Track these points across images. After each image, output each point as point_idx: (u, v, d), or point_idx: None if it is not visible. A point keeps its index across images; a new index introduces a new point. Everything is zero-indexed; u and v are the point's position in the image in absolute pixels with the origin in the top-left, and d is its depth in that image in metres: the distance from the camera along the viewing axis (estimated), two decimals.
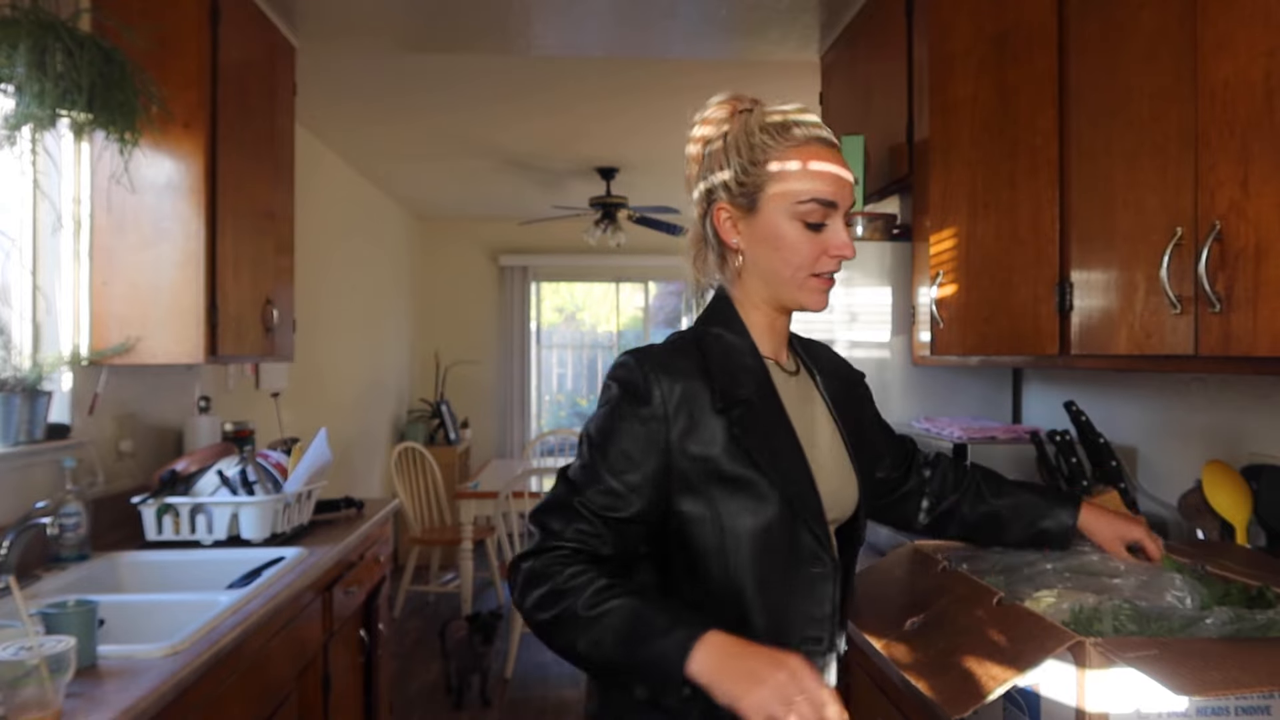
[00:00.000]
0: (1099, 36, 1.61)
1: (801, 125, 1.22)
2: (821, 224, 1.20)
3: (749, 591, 1.14)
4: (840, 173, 1.21)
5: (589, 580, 1.09)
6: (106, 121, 2.01)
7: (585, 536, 1.13)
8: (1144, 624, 1.15)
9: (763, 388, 1.21)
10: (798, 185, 1.19)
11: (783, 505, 1.15)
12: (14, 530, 1.95)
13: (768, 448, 1.16)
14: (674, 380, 1.16)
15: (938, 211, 2.24)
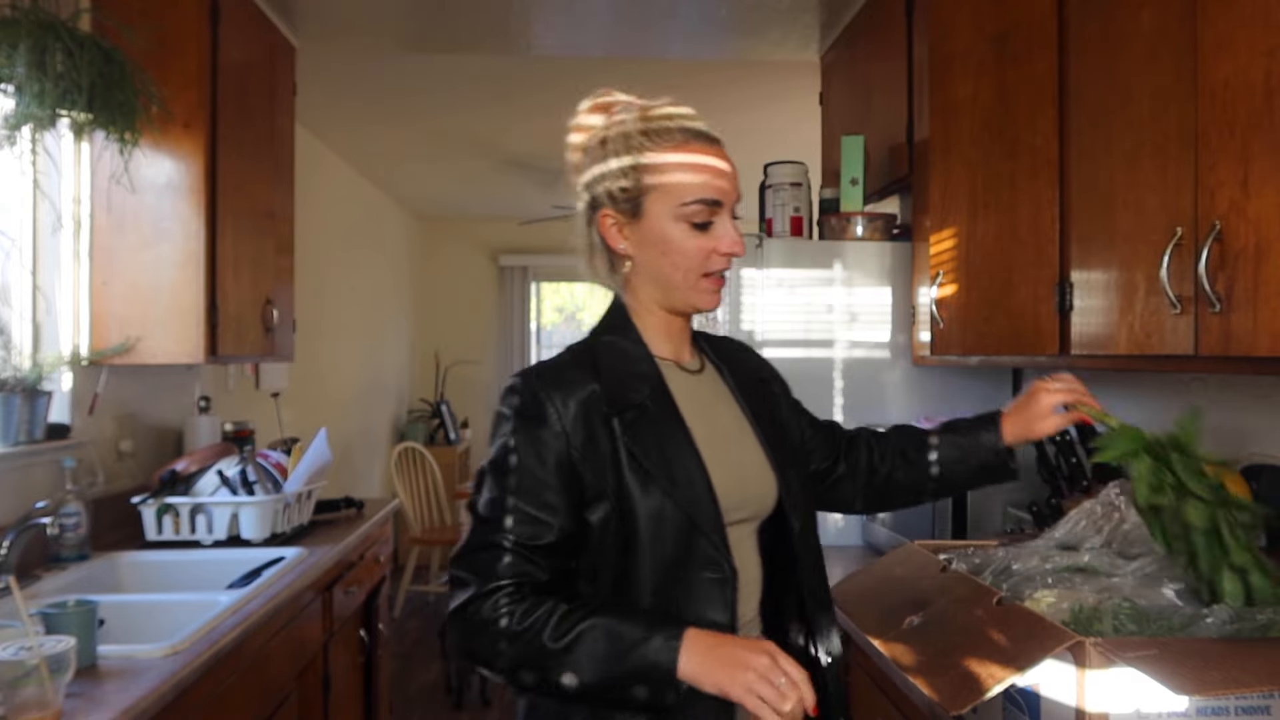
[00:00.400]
0: (1099, 36, 1.61)
1: (678, 122, 1.21)
2: (708, 223, 1.18)
3: (646, 599, 1.12)
4: (723, 167, 1.20)
5: (547, 612, 1.07)
6: (106, 121, 2.01)
7: (520, 570, 1.10)
8: (1144, 623, 1.15)
9: (657, 392, 1.19)
10: (680, 188, 1.18)
11: (675, 511, 1.12)
12: (14, 530, 1.95)
13: (659, 453, 1.14)
14: (566, 394, 1.14)
15: (938, 211, 2.24)
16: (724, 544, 1.14)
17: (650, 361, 1.22)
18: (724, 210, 1.19)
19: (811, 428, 1.43)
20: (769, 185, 2.78)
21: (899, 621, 1.37)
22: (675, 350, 1.27)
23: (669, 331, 1.26)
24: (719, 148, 1.22)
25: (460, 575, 1.12)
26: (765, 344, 2.62)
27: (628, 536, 1.12)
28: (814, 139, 3.43)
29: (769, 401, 1.33)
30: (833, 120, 3.27)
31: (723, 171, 1.20)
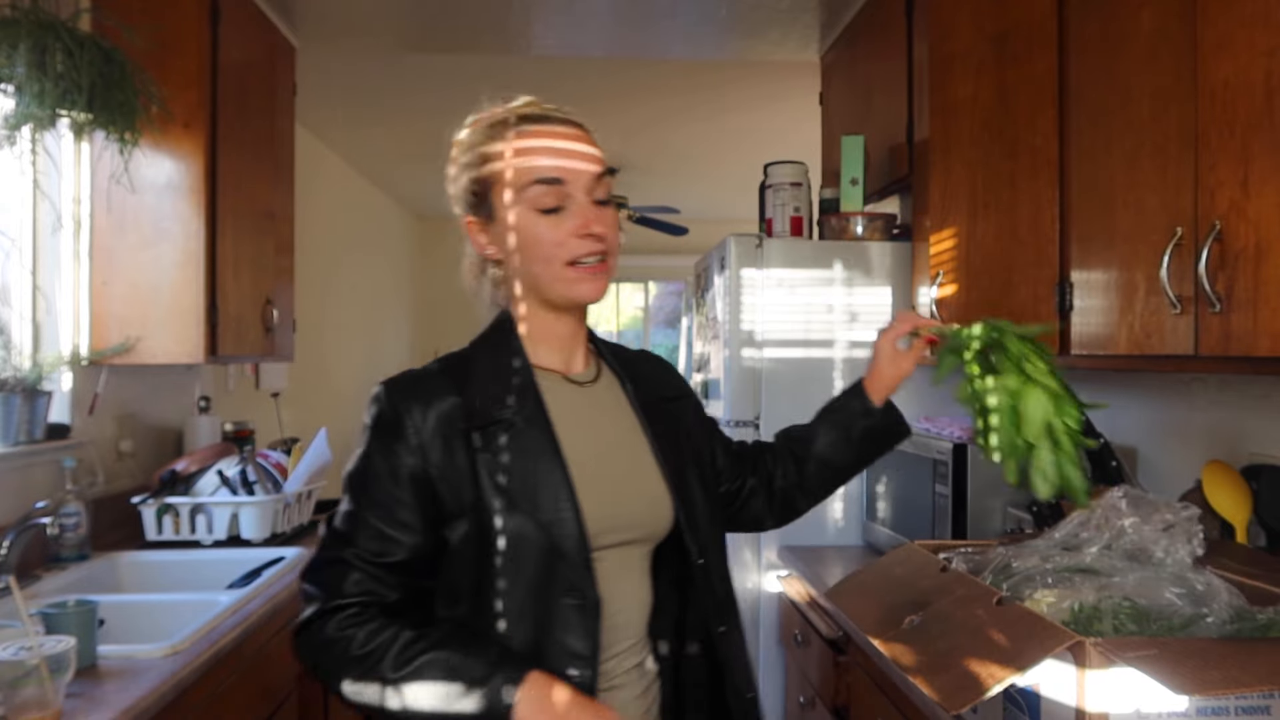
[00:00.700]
0: (1099, 36, 1.61)
1: (515, 111, 1.15)
2: (558, 206, 1.10)
3: (505, 623, 1.06)
4: (559, 145, 1.12)
5: (390, 637, 1.02)
6: (106, 121, 2.01)
7: (367, 588, 1.05)
8: (1144, 623, 1.15)
9: (528, 406, 1.12)
10: (516, 172, 1.11)
11: (537, 533, 1.06)
12: (14, 530, 1.95)
13: (523, 472, 1.08)
14: (426, 406, 1.09)
15: (938, 211, 2.24)
16: (587, 570, 1.07)
17: (526, 372, 1.15)
18: (573, 189, 1.11)
19: (724, 449, 1.35)
20: (769, 185, 2.78)
21: (899, 621, 1.37)
22: (564, 360, 1.19)
23: (555, 339, 1.18)
24: (571, 129, 1.14)
25: (307, 589, 1.07)
26: (765, 344, 2.62)
27: (486, 558, 1.06)
28: (814, 139, 3.43)
29: (674, 420, 1.24)
30: (833, 120, 3.27)
31: (561, 150, 1.12)
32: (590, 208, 1.11)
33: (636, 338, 8.01)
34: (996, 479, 2.11)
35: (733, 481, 1.35)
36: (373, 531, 1.06)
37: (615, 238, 1.14)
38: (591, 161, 1.12)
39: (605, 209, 1.13)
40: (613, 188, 1.16)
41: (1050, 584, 1.29)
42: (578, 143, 1.13)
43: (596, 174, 1.12)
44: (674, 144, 5.09)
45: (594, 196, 1.12)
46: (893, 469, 2.41)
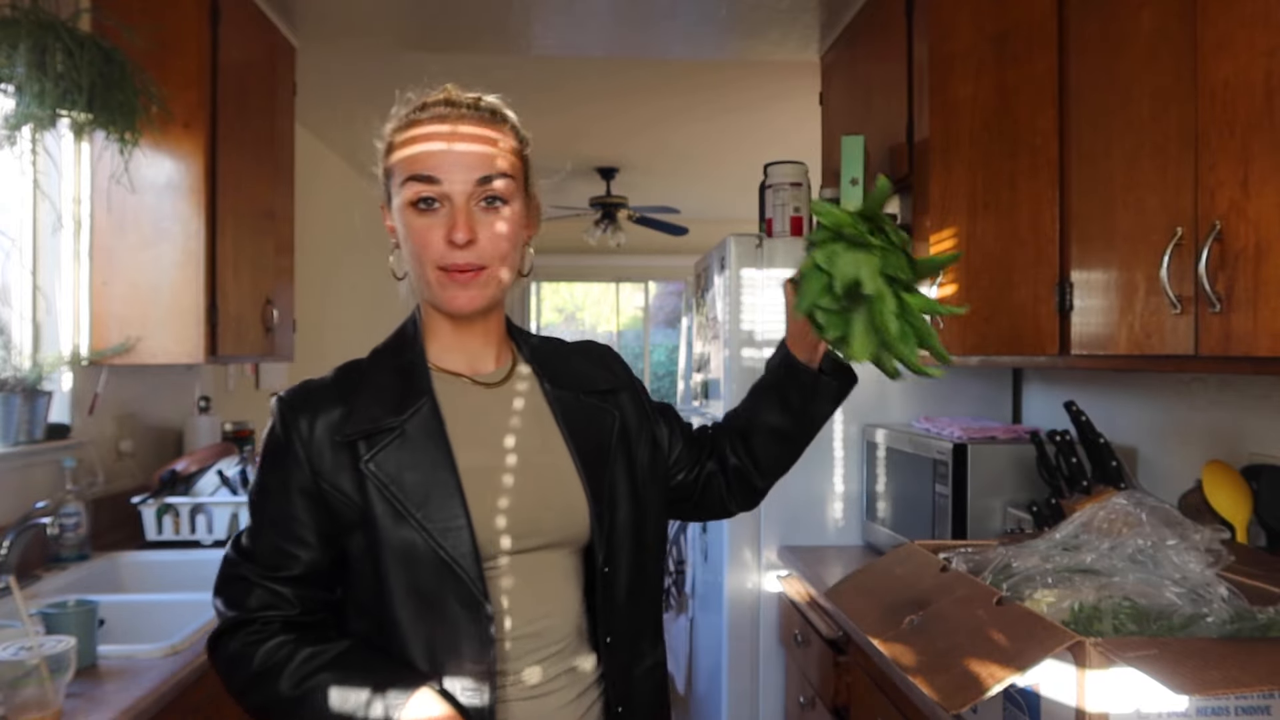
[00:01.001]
0: (1099, 36, 1.61)
1: (423, 100, 1.11)
2: (434, 206, 1.04)
3: (402, 635, 1.03)
4: (438, 147, 1.05)
5: (287, 655, 1.02)
6: (106, 121, 2.01)
7: (267, 603, 1.05)
8: (1144, 623, 1.15)
9: (422, 412, 1.07)
10: (400, 164, 1.07)
11: (427, 545, 1.02)
12: (14, 530, 1.95)
13: (413, 482, 1.04)
14: (313, 417, 1.06)
15: (938, 211, 2.24)
16: (480, 581, 1.03)
17: (422, 377, 1.11)
18: (450, 190, 1.04)
19: (682, 437, 1.29)
20: (769, 185, 2.78)
21: (899, 621, 1.37)
22: (469, 360, 1.14)
23: (459, 339, 1.14)
24: (476, 125, 1.08)
25: (216, 606, 1.09)
26: (765, 344, 2.62)
27: (379, 571, 1.03)
28: (814, 139, 3.43)
29: (600, 416, 1.17)
30: (833, 120, 3.27)
31: (438, 149, 1.05)
32: (463, 212, 1.04)
33: (637, 338, 8.02)
34: (997, 479, 2.12)
35: (690, 470, 1.29)
36: (269, 547, 1.06)
37: (499, 246, 1.06)
38: (476, 164, 1.05)
39: (492, 213, 1.06)
40: (512, 191, 1.08)
41: (1050, 584, 1.29)
42: (473, 142, 1.06)
43: (478, 177, 1.04)
44: (674, 144, 5.09)
45: (477, 199, 1.05)
46: (893, 469, 2.41)
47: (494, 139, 1.08)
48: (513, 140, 1.11)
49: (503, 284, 1.10)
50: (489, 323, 1.14)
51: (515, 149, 1.11)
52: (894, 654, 1.31)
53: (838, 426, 2.63)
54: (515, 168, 1.10)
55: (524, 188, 1.12)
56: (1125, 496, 1.40)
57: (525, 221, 1.13)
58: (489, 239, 1.05)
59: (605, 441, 1.16)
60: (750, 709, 2.63)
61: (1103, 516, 1.40)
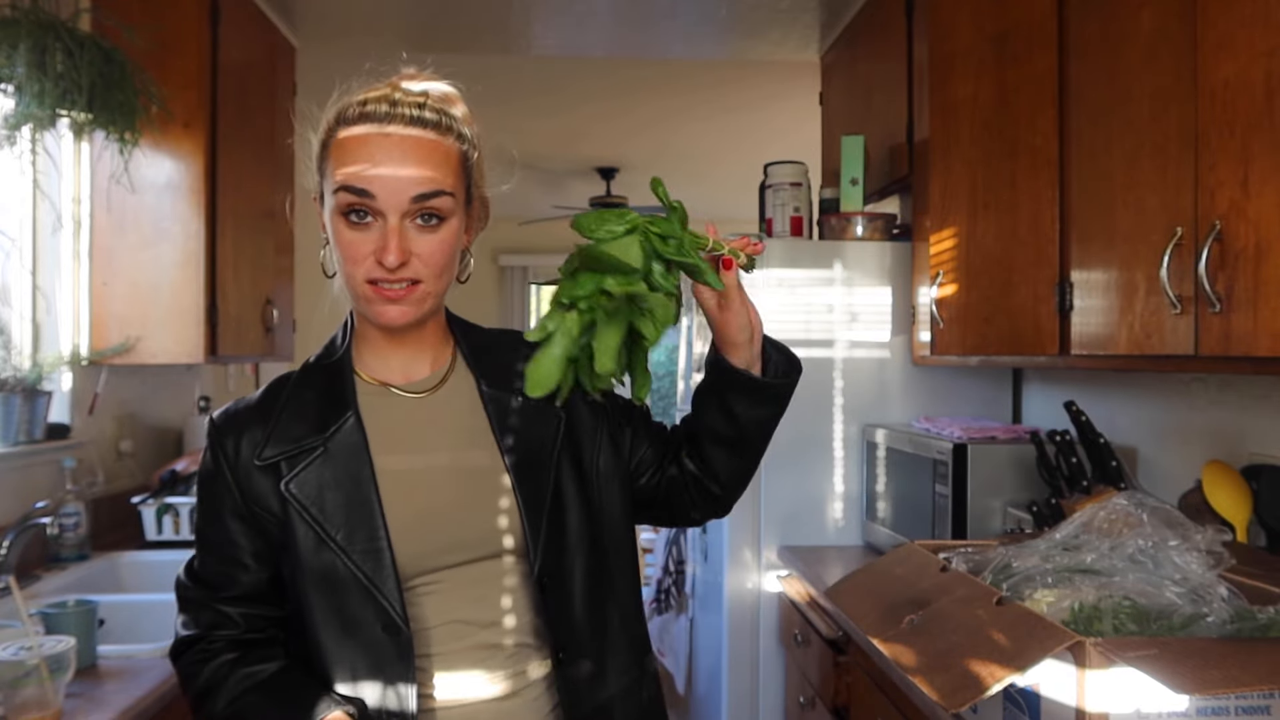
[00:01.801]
0: (1099, 36, 1.61)
1: (366, 97, 1.04)
2: (366, 219, 0.99)
3: (325, 657, 1.01)
4: (376, 164, 0.98)
5: (224, 676, 1.02)
6: (106, 121, 2.01)
7: (216, 623, 1.05)
8: (1144, 623, 1.15)
9: (344, 428, 1.04)
10: (334, 171, 1.01)
11: (345, 567, 1.00)
12: (14, 530, 1.95)
13: (333, 502, 1.01)
14: (238, 438, 1.04)
15: (938, 211, 2.25)
16: (399, 604, 0.99)
17: (349, 390, 1.07)
18: (384, 206, 0.98)
19: (648, 437, 1.19)
20: (769, 185, 2.78)
21: (899, 621, 1.37)
22: (403, 366, 1.10)
23: (392, 346, 1.09)
24: (417, 132, 1.01)
25: (175, 626, 1.09)
26: None
27: (301, 593, 1.02)
28: (814, 139, 3.43)
29: (543, 418, 1.10)
30: (833, 120, 3.27)
31: (372, 164, 0.98)
32: (395, 232, 0.98)
33: None
34: (997, 479, 2.12)
35: (653, 474, 1.19)
36: (211, 570, 1.06)
37: (434, 262, 1.01)
38: (412, 182, 0.99)
39: (427, 231, 1.00)
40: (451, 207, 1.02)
41: (1050, 584, 1.29)
42: (412, 156, 1.00)
43: (414, 195, 0.98)
44: (674, 144, 5.09)
45: (413, 216, 0.99)
46: (893, 469, 2.41)
47: (436, 150, 1.02)
48: (456, 148, 1.04)
49: (437, 296, 1.05)
50: (423, 329, 1.09)
51: (459, 159, 1.04)
52: (894, 654, 1.31)
53: (838, 426, 2.63)
54: (456, 181, 1.03)
55: (466, 197, 1.06)
56: (1126, 497, 1.40)
57: (466, 230, 1.08)
58: (422, 256, 1.00)
59: (546, 444, 1.08)
60: (750, 709, 2.63)
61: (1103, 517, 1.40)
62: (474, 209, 1.10)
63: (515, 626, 1.05)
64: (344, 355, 1.11)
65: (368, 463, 1.03)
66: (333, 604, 1.01)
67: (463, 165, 1.05)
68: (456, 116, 1.06)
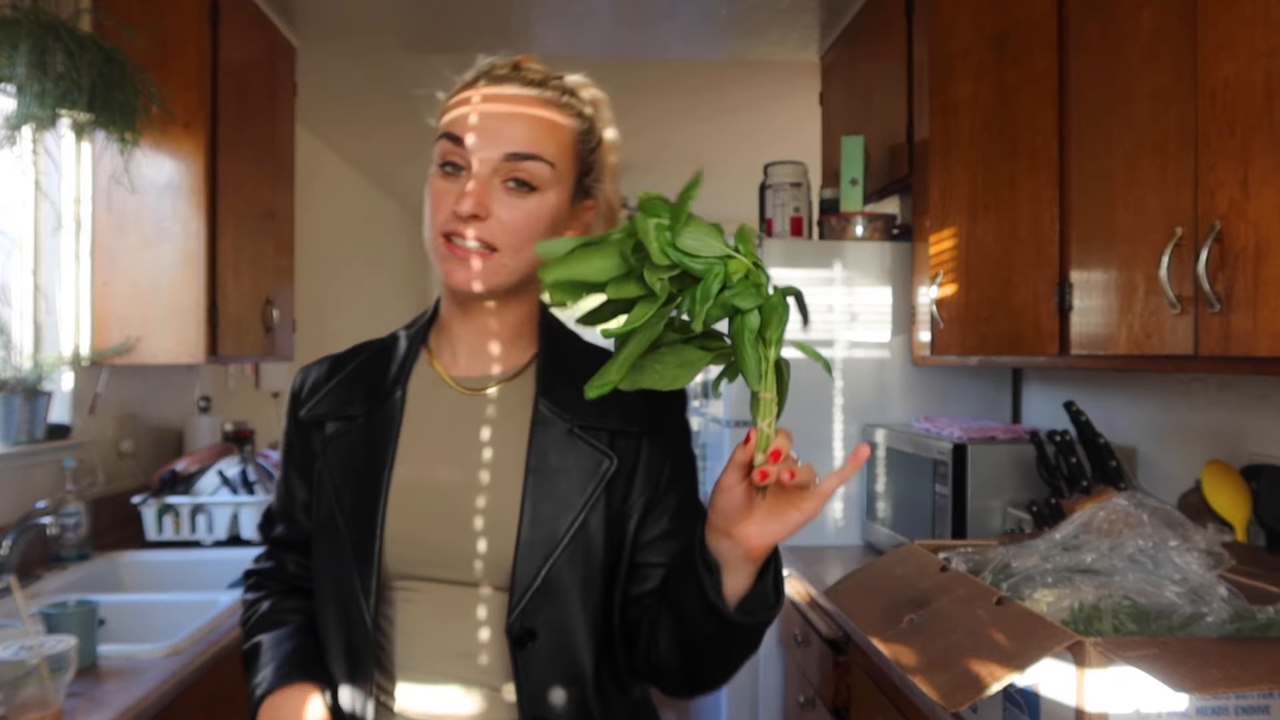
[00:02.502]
0: (1099, 36, 1.61)
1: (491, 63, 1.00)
2: (456, 170, 0.95)
3: (323, 630, 1.01)
4: (481, 108, 0.95)
5: (253, 612, 1.07)
6: (107, 121, 2.01)
7: (272, 563, 1.10)
8: (1144, 622, 1.15)
9: (384, 406, 1.00)
10: (441, 125, 0.98)
11: (337, 547, 0.98)
12: (14, 530, 1.95)
13: (347, 479, 0.99)
14: (307, 386, 1.06)
15: (938, 211, 2.25)
16: (369, 592, 0.95)
17: (406, 367, 1.03)
18: (473, 157, 0.93)
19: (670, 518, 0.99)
20: (769, 185, 2.78)
21: (898, 620, 1.37)
22: (470, 356, 1.02)
23: (466, 328, 1.02)
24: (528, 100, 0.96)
25: None
26: None
27: (317, 562, 1.02)
28: (814, 139, 3.43)
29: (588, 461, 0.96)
30: (833, 120, 3.27)
31: (480, 112, 0.95)
32: (481, 184, 0.93)
33: None
34: (997, 479, 2.12)
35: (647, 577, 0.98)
36: (276, 513, 1.10)
37: (514, 231, 0.94)
38: (509, 136, 0.94)
39: (514, 196, 0.94)
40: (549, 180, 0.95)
41: (1050, 584, 1.29)
42: (520, 112, 0.95)
43: (507, 152, 0.93)
44: (674, 144, 5.09)
45: (503, 176, 0.94)
46: (893, 469, 2.41)
47: (545, 117, 0.96)
48: (572, 125, 0.98)
49: (514, 273, 0.96)
50: (501, 317, 1.01)
51: (572, 137, 0.98)
52: (894, 653, 1.31)
53: (838, 426, 2.63)
54: (561, 155, 0.96)
55: (573, 184, 0.99)
56: (1126, 497, 1.40)
57: (571, 220, 1.00)
58: (504, 221, 0.94)
59: (580, 488, 0.96)
60: (750, 709, 2.64)
61: (1103, 517, 1.40)
62: (587, 204, 1.02)
63: (487, 665, 0.96)
64: (421, 329, 1.06)
65: (389, 449, 0.98)
66: (329, 577, 1.00)
67: (575, 146, 0.99)
68: (583, 99, 1.01)
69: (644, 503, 0.99)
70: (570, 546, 0.95)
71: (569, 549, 0.95)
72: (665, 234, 0.79)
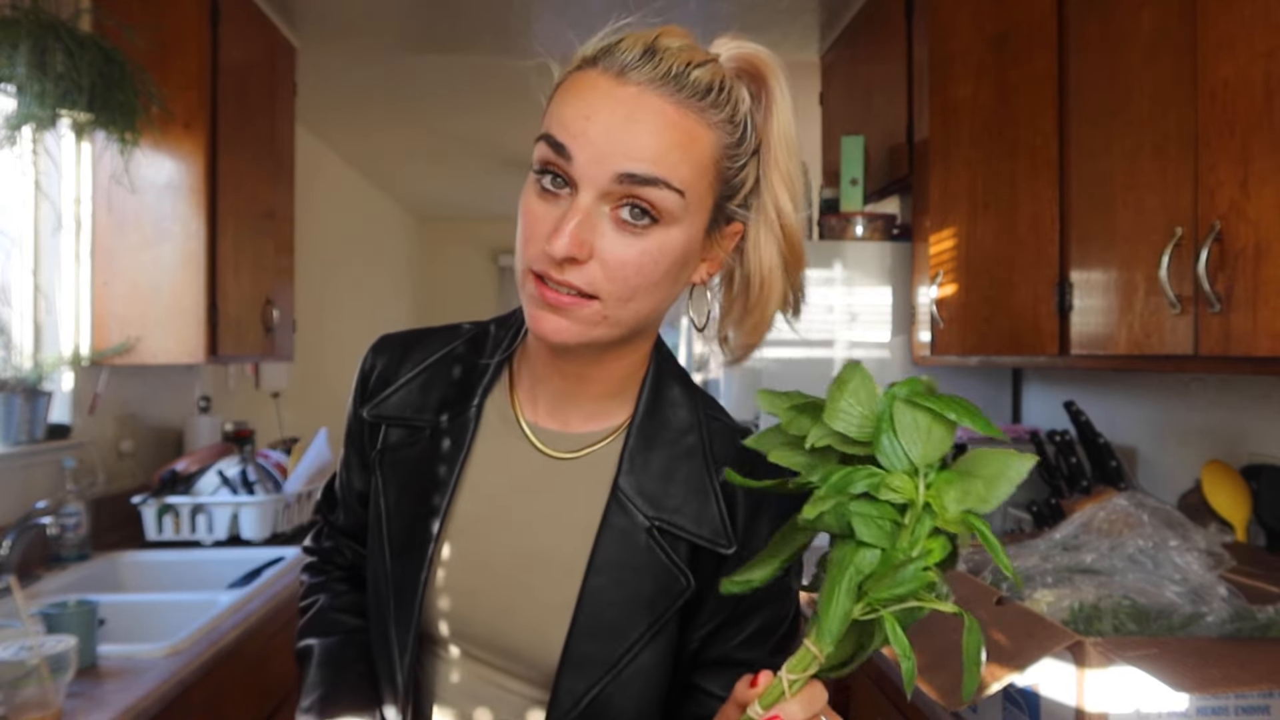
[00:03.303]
0: (1099, 36, 1.61)
1: (618, 36, 0.79)
2: (560, 186, 0.73)
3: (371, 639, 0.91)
4: (599, 116, 0.71)
5: (311, 604, 0.97)
6: (107, 121, 2.01)
7: (329, 547, 1.00)
8: (1144, 622, 1.15)
9: (452, 425, 0.85)
10: (546, 119, 0.76)
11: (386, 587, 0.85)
12: (15, 530, 1.95)
13: (395, 495, 0.85)
14: (392, 369, 0.89)
15: (938, 211, 2.25)
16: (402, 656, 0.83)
17: (486, 390, 0.86)
18: (579, 174, 0.71)
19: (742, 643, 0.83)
20: None
21: None
22: (553, 404, 0.85)
23: (550, 369, 0.83)
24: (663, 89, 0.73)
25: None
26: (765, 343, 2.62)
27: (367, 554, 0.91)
28: (814, 139, 3.43)
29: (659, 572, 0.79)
30: (833, 120, 3.27)
31: (594, 112, 0.71)
32: (581, 212, 0.71)
33: None
34: None
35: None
36: (334, 496, 1.00)
37: (623, 278, 0.73)
38: (625, 152, 0.70)
39: (627, 232, 0.72)
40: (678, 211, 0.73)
41: (1050, 584, 1.29)
42: (641, 120, 0.71)
43: (620, 172, 0.71)
44: None
45: (613, 201, 0.72)
46: None
47: (680, 126, 0.73)
48: (718, 137, 0.75)
49: (619, 326, 0.75)
50: (598, 372, 0.82)
51: (715, 152, 0.75)
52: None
53: None
54: (697, 178, 0.74)
55: (710, 211, 0.76)
56: (1126, 497, 1.40)
57: (698, 257, 0.78)
58: (609, 263, 0.72)
59: (648, 606, 0.79)
60: None
61: (1103, 517, 1.40)
62: (728, 231, 0.80)
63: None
64: (510, 341, 0.88)
65: (450, 489, 0.84)
66: (374, 611, 0.89)
67: (718, 164, 0.75)
68: (740, 95, 0.77)
69: (717, 622, 0.82)
70: (627, 671, 0.79)
71: (623, 674, 0.79)
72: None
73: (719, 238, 0.79)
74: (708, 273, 0.81)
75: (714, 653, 0.82)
